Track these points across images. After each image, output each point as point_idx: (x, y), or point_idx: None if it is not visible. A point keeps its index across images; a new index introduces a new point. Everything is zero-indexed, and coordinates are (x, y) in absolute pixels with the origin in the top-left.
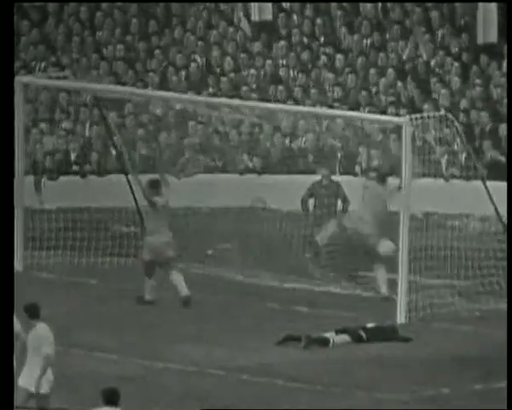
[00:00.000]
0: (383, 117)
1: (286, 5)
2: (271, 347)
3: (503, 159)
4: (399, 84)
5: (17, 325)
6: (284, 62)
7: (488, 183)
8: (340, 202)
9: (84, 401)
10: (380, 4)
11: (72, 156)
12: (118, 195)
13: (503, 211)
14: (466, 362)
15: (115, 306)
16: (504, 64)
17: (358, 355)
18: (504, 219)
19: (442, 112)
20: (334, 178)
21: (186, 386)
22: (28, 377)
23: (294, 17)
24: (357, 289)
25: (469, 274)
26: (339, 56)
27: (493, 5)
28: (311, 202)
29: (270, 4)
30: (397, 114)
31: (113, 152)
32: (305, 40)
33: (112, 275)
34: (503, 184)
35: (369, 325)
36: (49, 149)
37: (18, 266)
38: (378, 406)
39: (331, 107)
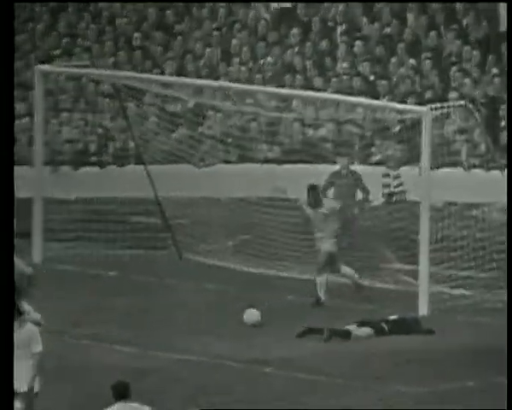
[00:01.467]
0: (403, 106)
1: None
2: (292, 339)
3: None
4: (418, 72)
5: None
6: (302, 50)
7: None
8: (359, 192)
9: (100, 395)
10: None
11: (92, 147)
12: (137, 185)
13: None
14: (489, 354)
15: (135, 298)
16: None
17: (380, 348)
18: None
19: (462, 102)
20: (353, 168)
21: (207, 379)
22: (16, 377)
23: (314, 4)
24: (379, 282)
25: (491, 265)
26: (358, 43)
27: None
28: (331, 192)
29: None
30: (416, 104)
31: (132, 143)
32: (325, 28)
33: (131, 267)
34: None
35: (392, 318)
36: (68, 139)
37: (36, 258)
38: (400, 398)
39: (351, 94)
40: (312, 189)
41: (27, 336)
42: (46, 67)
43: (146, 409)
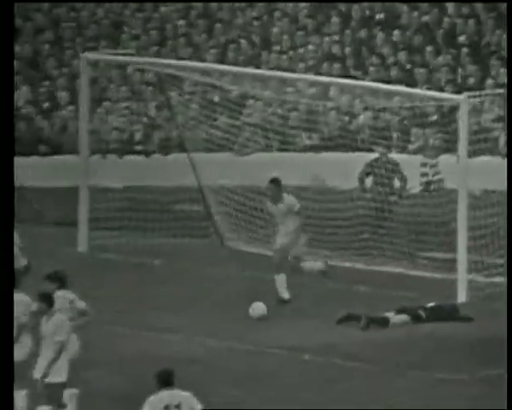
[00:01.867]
0: (441, 94)
1: None
2: (331, 326)
3: None
4: (456, 60)
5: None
6: (342, 39)
7: None
8: (397, 181)
9: (143, 383)
10: None
11: (137, 136)
12: (180, 174)
13: None
14: None
15: (179, 287)
16: None
17: (419, 335)
18: None
19: (500, 90)
20: (391, 156)
21: (248, 366)
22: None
23: None
24: (418, 269)
25: None
26: (396, 32)
27: None
28: (369, 179)
29: None
30: (454, 93)
31: (176, 131)
32: (364, 17)
33: (175, 255)
34: None
35: (430, 305)
36: (115, 126)
37: (82, 246)
38: (437, 385)
39: (389, 83)
40: (273, 183)
41: (54, 326)
42: (92, 55)
43: (188, 396)
